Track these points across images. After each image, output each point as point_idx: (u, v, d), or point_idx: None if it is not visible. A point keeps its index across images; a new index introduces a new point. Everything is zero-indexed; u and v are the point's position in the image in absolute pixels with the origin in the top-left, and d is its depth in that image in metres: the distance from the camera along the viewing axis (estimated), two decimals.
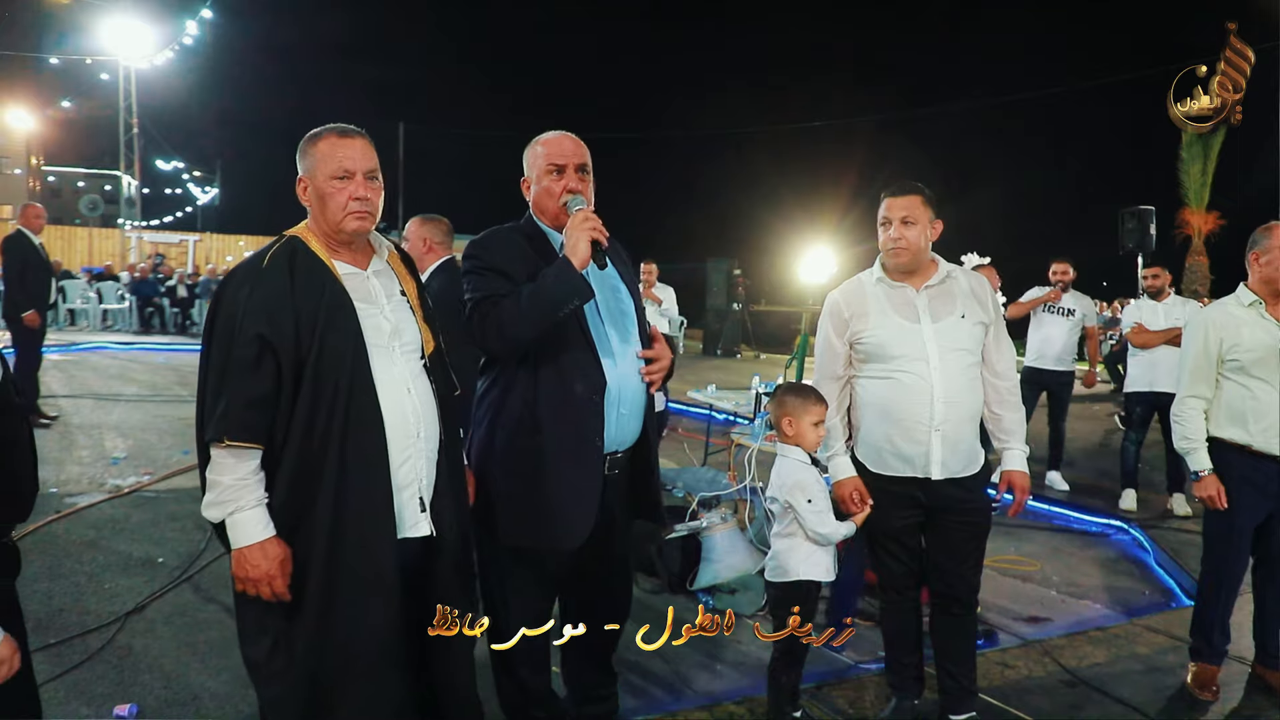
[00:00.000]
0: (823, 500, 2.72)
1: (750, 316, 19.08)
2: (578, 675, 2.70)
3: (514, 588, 2.44)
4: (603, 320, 2.39)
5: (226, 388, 1.89)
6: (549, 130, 2.49)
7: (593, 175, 2.47)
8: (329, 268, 2.03)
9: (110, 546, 4.49)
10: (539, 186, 2.43)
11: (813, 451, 2.78)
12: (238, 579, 1.94)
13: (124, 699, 2.94)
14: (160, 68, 25.28)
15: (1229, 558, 3.27)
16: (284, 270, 1.96)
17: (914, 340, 2.71)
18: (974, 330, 2.76)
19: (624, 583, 2.71)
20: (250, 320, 1.90)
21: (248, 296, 1.92)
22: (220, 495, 1.92)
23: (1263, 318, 3.19)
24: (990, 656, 3.51)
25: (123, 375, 10.85)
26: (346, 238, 2.07)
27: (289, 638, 1.98)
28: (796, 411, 2.74)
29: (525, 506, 2.33)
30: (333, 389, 1.94)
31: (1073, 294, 6.68)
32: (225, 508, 1.92)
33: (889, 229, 2.74)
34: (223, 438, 1.87)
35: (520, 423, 2.32)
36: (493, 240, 2.43)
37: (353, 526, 1.95)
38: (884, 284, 2.81)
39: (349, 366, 1.96)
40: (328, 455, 1.93)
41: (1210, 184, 16.79)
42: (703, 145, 33.67)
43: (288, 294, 1.93)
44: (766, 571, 2.84)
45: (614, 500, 2.46)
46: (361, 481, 1.96)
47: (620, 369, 2.37)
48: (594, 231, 2.20)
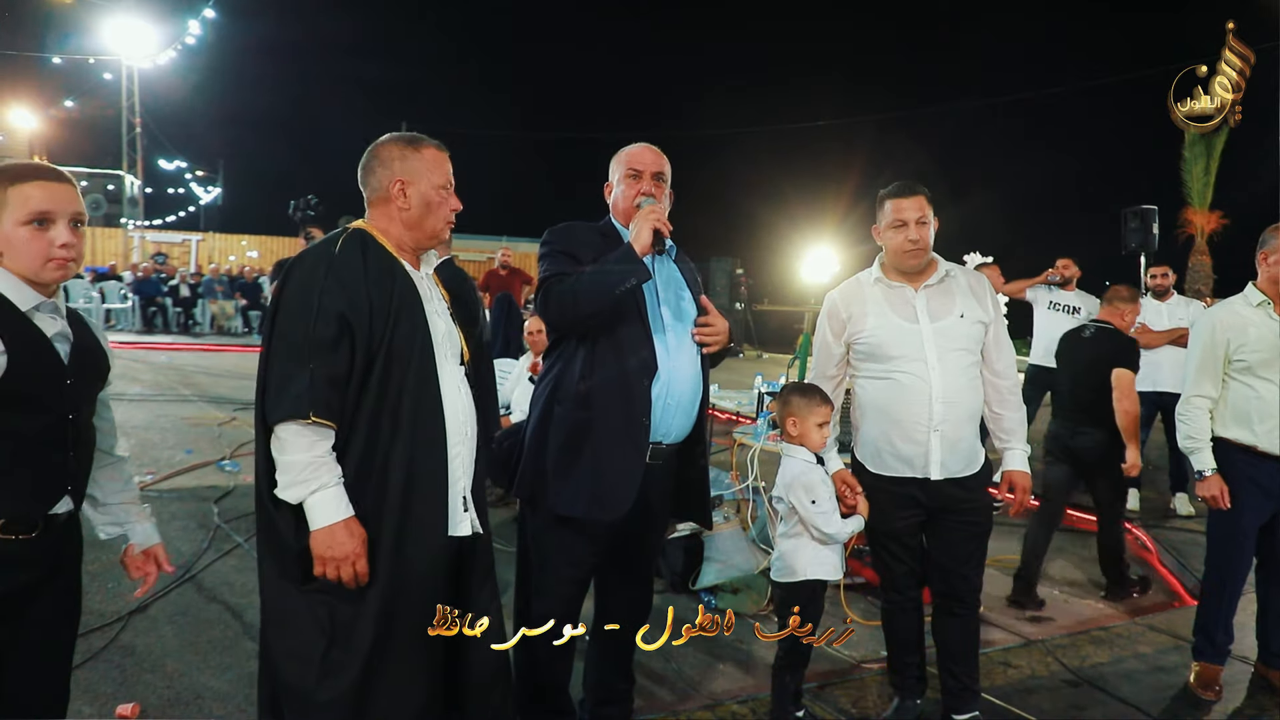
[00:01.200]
0: (827, 500, 2.72)
1: (753, 316, 19.10)
2: (600, 675, 2.73)
3: (554, 563, 2.51)
4: (662, 314, 2.52)
5: (307, 364, 1.85)
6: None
7: (669, 184, 2.64)
8: (400, 262, 2.07)
9: (113, 545, 4.48)
10: (618, 190, 2.62)
11: (817, 451, 2.78)
12: (319, 560, 1.87)
13: (127, 698, 2.94)
14: (163, 67, 25.33)
15: (1233, 557, 3.27)
16: (359, 257, 1.98)
17: (912, 340, 2.71)
18: (973, 329, 2.75)
19: (649, 581, 2.77)
20: (330, 299, 1.89)
21: (324, 275, 1.91)
22: (300, 474, 1.85)
23: (1270, 318, 3.18)
24: (993, 656, 3.51)
25: (125, 375, 10.86)
26: (433, 244, 2.16)
27: (349, 631, 1.93)
28: (801, 411, 2.76)
29: (573, 476, 2.42)
30: (400, 380, 1.96)
31: (1079, 293, 6.67)
32: (308, 485, 1.86)
33: (905, 230, 2.72)
34: (307, 413, 1.83)
35: (575, 398, 2.43)
36: (567, 228, 2.60)
37: (416, 518, 1.97)
38: (882, 284, 2.81)
39: (417, 360, 1.99)
40: (395, 446, 1.94)
41: (1213, 183, 16.76)
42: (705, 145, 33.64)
43: (363, 280, 1.94)
44: (772, 571, 2.84)
45: (655, 492, 2.54)
46: (427, 475, 1.99)
47: (673, 360, 2.48)
48: (657, 221, 2.38)
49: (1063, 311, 6.62)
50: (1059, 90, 26.70)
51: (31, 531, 1.86)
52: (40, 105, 32.60)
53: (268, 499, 1.91)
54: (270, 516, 1.93)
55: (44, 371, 1.83)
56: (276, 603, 1.99)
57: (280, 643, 1.98)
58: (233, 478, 6.00)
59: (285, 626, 1.97)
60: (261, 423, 1.91)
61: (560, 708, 2.62)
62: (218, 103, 39.46)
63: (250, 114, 47.39)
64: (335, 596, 1.92)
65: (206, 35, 24.35)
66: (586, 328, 2.43)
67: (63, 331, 1.88)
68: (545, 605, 2.45)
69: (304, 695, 1.93)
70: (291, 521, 1.90)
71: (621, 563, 2.61)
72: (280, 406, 1.86)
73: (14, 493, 1.83)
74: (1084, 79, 34.83)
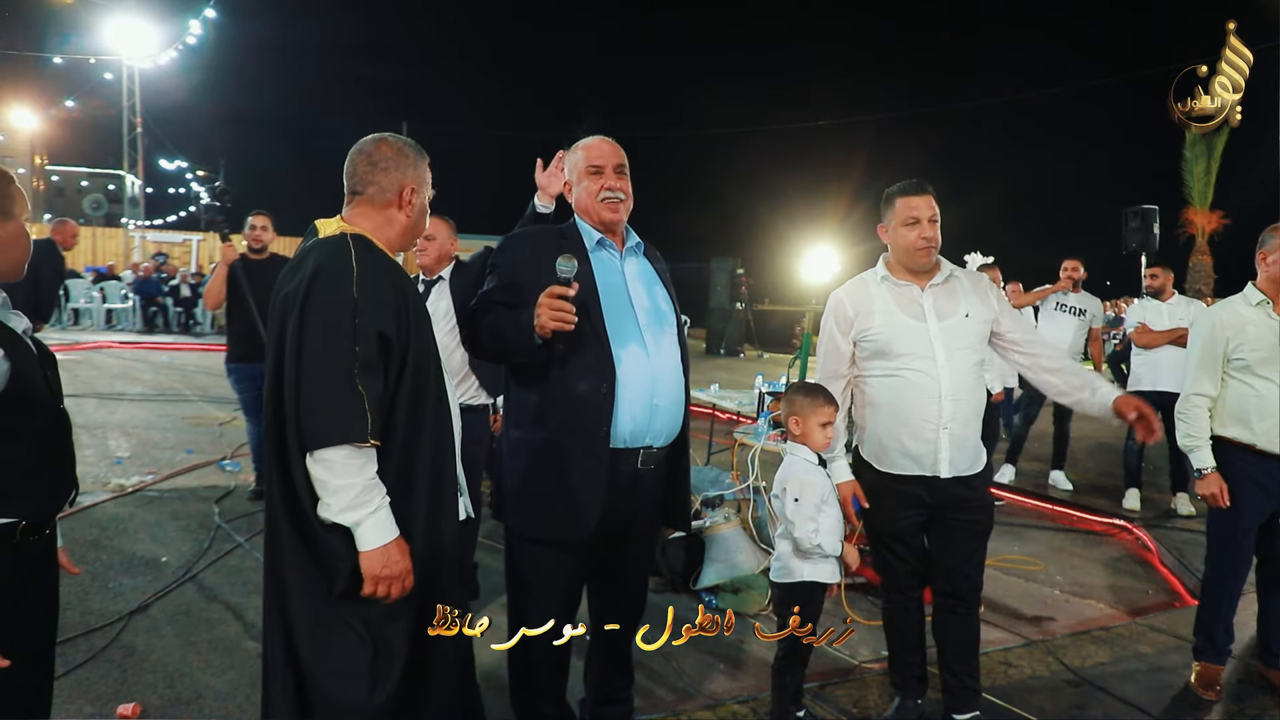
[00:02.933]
0: (813, 504, 2.67)
1: (753, 316, 19.09)
2: (600, 676, 2.71)
3: (536, 584, 2.47)
4: (638, 314, 2.44)
5: (352, 387, 1.82)
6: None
7: (629, 174, 2.57)
8: (402, 267, 2.07)
9: (114, 546, 4.50)
10: (579, 187, 2.53)
11: (820, 451, 2.77)
12: (371, 579, 1.86)
13: (127, 698, 2.94)
14: (164, 67, 25.32)
15: (1233, 557, 3.27)
16: (379, 267, 1.96)
17: (921, 338, 2.71)
18: (979, 328, 2.76)
19: (643, 584, 2.72)
20: (367, 319, 1.86)
21: (355, 292, 1.88)
22: (357, 498, 1.84)
23: (1270, 317, 3.18)
24: (994, 656, 3.51)
25: (126, 375, 10.87)
26: (409, 247, 2.19)
27: (388, 640, 1.93)
28: (805, 411, 2.74)
29: (535, 498, 2.38)
30: (423, 384, 1.96)
31: (1083, 294, 6.67)
32: (365, 508, 1.85)
33: (918, 228, 2.71)
34: (364, 437, 1.82)
35: (532, 419, 2.38)
36: (516, 242, 2.54)
37: (438, 521, 1.99)
38: (889, 282, 2.80)
39: (433, 365, 2.00)
40: (421, 450, 1.96)
41: (1214, 183, 16.78)
42: (705, 145, 33.70)
43: (389, 291, 1.93)
44: (771, 571, 2.83)
45: (644, 498, 2.48)
46: (445, 474, 2.01)
47: (656, 362, 2.41)
48: (556, 320, 2.18)
49: (1069, 313, 6.62)
50: (1059, 90, 26.72)
51: (45, 529, 1.87)
52: (41, 105, 32.61)
53: (315, 521, 1.87)
54: (314, 536, 1.88)
55: (30, 371, 1.85)
56: (314, 620, 1.93)
57: (325, 661, 1.93)
58: (233, 478, 6.00)
59: (327, 643, 1.93)
60: (297, 445, 1.85)
61: (560, 709, 2.62)
62: (218, 103, 39.56)
63: (250, 114, 47.51)
64: (366, 604, 1.90)
65: (207, 35, 24.36)
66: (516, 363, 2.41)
67: (26, 328, 1.91)
68: (540, 614, 2.36)
69: (355, 709, 1.90)
70: (342, 541, 1.87)
71: (610, 573, 2.56)
72: (326, 431, 1.82)
73: (35, 494, 1.84)
74: (1084, 79, 34.82)
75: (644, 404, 2.37)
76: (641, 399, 2.37)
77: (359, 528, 1.85)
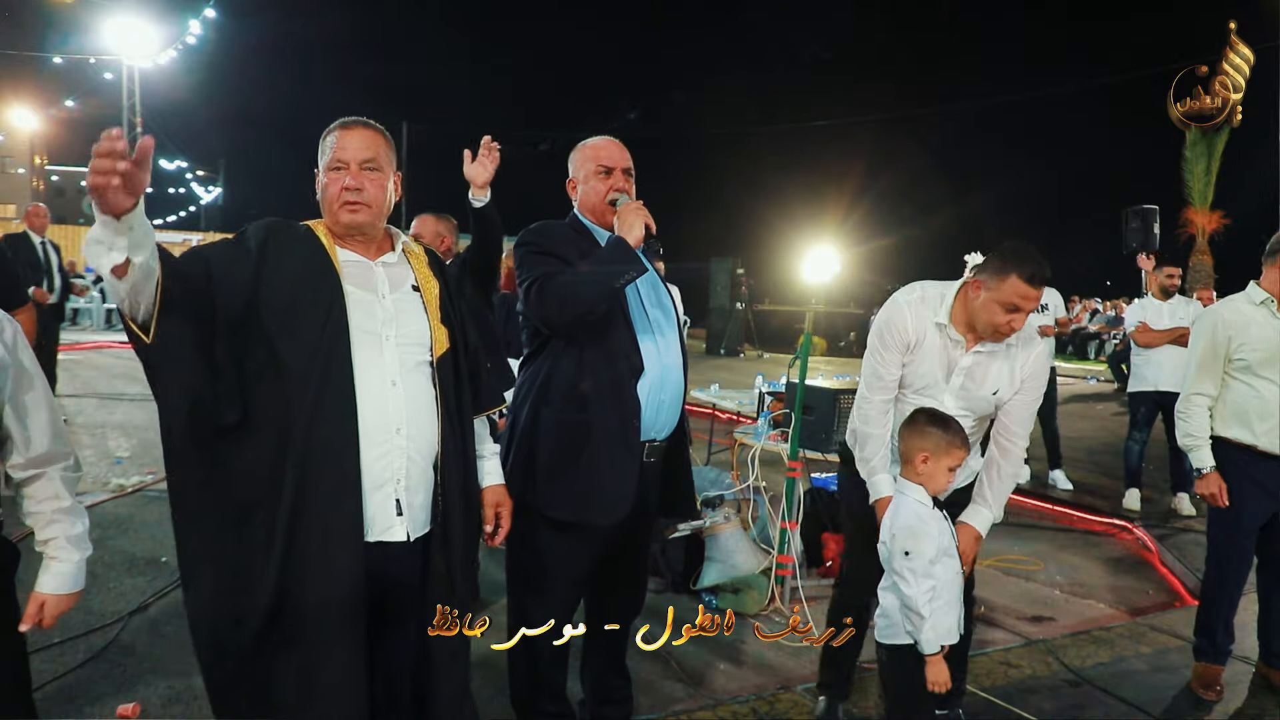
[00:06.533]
0: (924, 558, 2.32)
1: (754, 316, 19.07)
2: (598, 675, 2.72)
3: (551, 569, 2.48)
4: (646, 310, 2.50)
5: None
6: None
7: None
8: (326, 251, 1.97)
9: (113, 545, 4.49)
10: (586, 186, 2.56)
11: (937, 495, 2.45)
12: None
13: (127, 698, 2.94)
14: (163, 67, 25.34)
15: (1233, 557, 3.27)
16: (258, 240, 1.94)
17: (934, 390, 2.66)
18: (993, 405, 2.69)
19: (643, 580, 2.76)
20: (208, 249, 1.94)
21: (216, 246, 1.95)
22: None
23: (1273, 316, 3.17)
24: (994, 656, 3.51)
25: (126, 374, 10.85)
26: (342, 230, 2.00)
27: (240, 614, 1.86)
28: (939, 448, 2.39)
29: (570, 480, 2.40)
30: (304, 369, 1.85)
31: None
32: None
33: (1016, 316, 2.49)
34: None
35: (568, 400, 2.40)
36: (544, 228, 2.55)
37: (316, 518, 1.83)
38: (947, 333, 2.64)
39: (325, 347, 1.87)
40: (293, 435, 1.83)
41: (1214, 183, 16.76)
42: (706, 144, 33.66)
43: (250, 258, 1.90)
44: (876, 631, 2.49)
45: (648, 490, 2.53)
46: (330, 469, 1.85)
47: (663, 358, 2.47)
48: (648, 217, 2.37)
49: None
50: (1059, 90, 26.72)
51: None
52: (41, 105, 32.58)
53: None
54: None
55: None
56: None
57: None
58: None
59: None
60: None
61: (559, 708, 2.62)
62: (218, 102, 39.58)
63: (251, 114, 47.54)
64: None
65: (207, 35, 24.39)
66: (584, 324, 2.37)
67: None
68: (543, 609, 2.37)
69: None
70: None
71: (617, 563, 2.59)
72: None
73: None
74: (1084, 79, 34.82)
75: (653, 399, 2.44)
76: (652, 394, 2.44)
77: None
